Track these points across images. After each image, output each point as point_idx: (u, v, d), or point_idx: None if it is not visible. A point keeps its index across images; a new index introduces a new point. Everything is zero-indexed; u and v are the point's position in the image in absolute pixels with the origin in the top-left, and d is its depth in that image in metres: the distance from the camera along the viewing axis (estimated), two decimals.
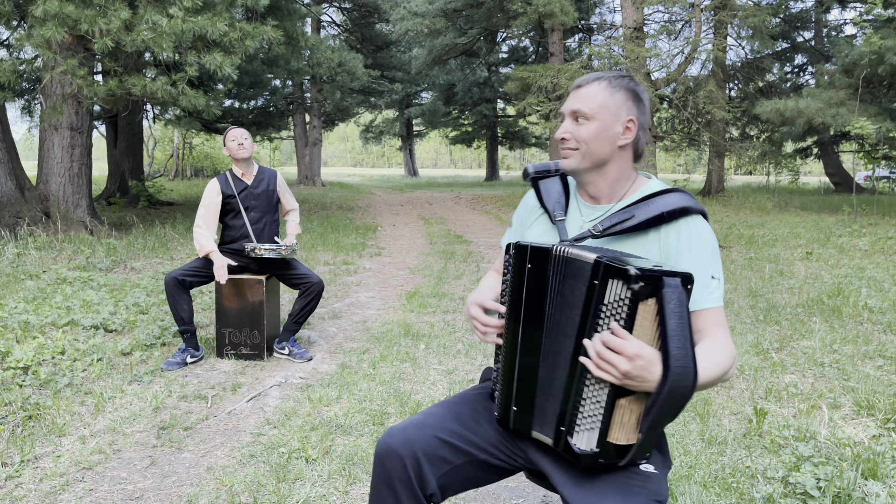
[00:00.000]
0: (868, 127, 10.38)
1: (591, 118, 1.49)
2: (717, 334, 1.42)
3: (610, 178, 1.54)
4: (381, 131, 36.88)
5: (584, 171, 1.53)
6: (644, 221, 1.45)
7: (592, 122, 1.49)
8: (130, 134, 14.83)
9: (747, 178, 35.68)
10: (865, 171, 21.63)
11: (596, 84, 1.50)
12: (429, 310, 5.38)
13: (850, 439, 2.79)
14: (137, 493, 2.46)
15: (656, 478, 1.40)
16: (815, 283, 6.19)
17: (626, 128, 1.50)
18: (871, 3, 11.12)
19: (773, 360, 3.96)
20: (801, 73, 22.94)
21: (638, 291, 1.22)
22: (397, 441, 1.48)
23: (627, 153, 1.53)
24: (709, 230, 1.47)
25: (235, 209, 4.08)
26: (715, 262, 1.46)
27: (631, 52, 16.00)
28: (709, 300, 1.44)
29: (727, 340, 1.41)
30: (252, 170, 4.16)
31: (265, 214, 4.16)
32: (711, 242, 1.46)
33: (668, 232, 1.46)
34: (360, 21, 26.38)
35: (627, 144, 1.51)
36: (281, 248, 3.91)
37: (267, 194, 4.18)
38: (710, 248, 1.45)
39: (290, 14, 12.30)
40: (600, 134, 1.49)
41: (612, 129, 1.49)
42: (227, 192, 4.07)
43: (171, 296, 3.89)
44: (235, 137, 4.05)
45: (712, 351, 1.37)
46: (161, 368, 3.85)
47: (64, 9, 7.16)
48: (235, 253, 4.11)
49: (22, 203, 8.69)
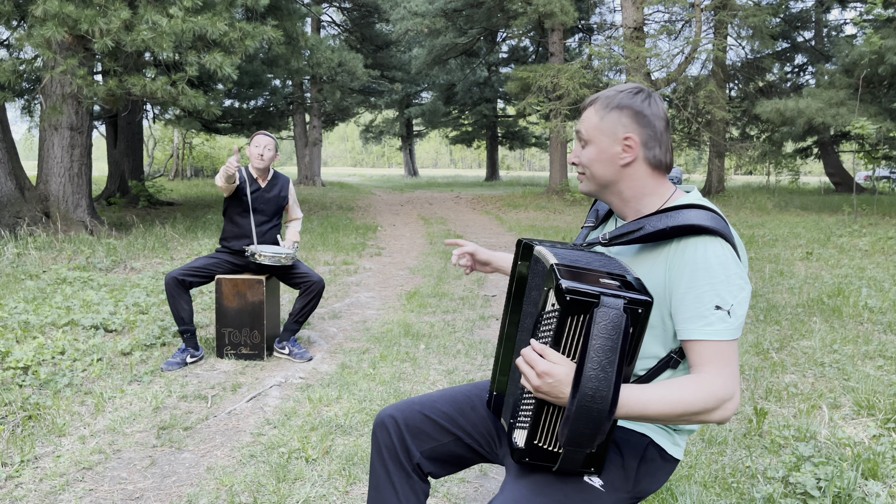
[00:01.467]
0: (868, 127, 10.38)
1: (589, 142, 1.46)
2: (706, 371, 1.29)
3: (625, 197, 1.47)
4: (381, 131, 36.88)
5: (596, 192, 1.50)
6: (650, 234, 1.36)
7: (590, 146, 1.46)
8: (130, 134, 14.83)
9: (747, 178, 35.69)
10: (865, 171, 21.63)
11: (591, 107, 1.47)
12: (429, 310, 5.38)
13: (851, 439, 2.79)
14: (137, 493, 2.46)
15: (594, 493, 1.35)
16: (815, 283, 6.19)
17: (626, 146, 1.42)
18: (871, 3, 11.12)
19: (773, 360, 3.96)
20: (801, 73, 22.95)
21: (568, 304, 1.19)
22: (387, 413, 1.65)
23: (639, 170, 1.44)
24: (724, 254, 1.32)
25: (245, 206, 4.08)
26: (726, 292, 1.30)
27: (631, 52, 15.99)
28: (705, 332, 1.30)
29: (715, 379, 1.27)
30: (267, 175, 4.17)
31: (271, 219, 4.17)
32: (723, 269, 1.31)
33: (676, 250, 1.35)
34: (360, 21, 26.39)
35: (633, 162, 1.43)
36: (281, 256, 3.91)
37: (277, 200, 4.19)
38: (719, 274, 1.30)
39: (290, 14, 12.30)
40: (599, 157, 1.45)
41: (611, 151, 1.43)
42: (240, 181, 4.06)
43: (171, 296, 3.89)
44: (259, 145, 4.04)
45: (680, 387, 1.26)
46: (161, 368, 3.85)
47: (64, 8, 7.16)
48: (235, 253, 4.11)
49: (22, 203, 8.69)
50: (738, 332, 1.32)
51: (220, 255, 4.10)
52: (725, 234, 1.34)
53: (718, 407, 1.26)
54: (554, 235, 10.32)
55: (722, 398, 1.26)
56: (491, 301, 5.72)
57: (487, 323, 4.99)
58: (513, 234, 10.73)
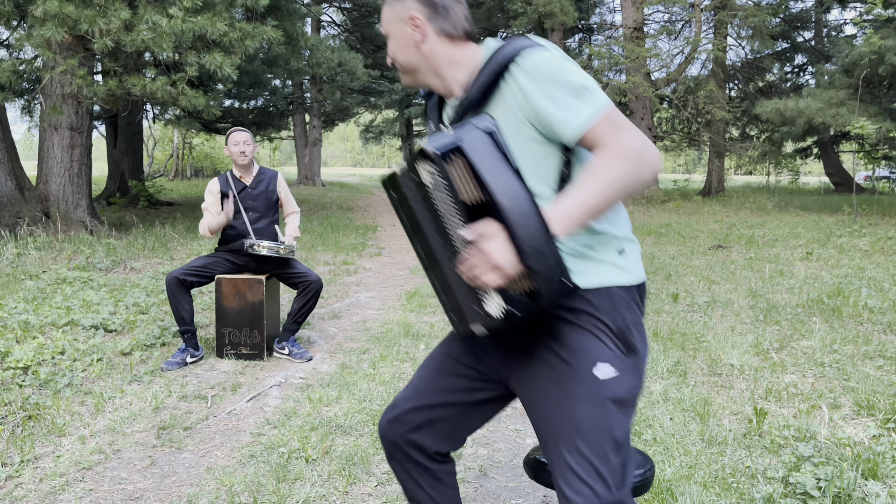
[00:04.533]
0: (868, 127, 10.39)
1: (389, 35, 1.53)
2: (606, 143, 1.29)
3: (440, 74, 1.50)
4: (381, 131, 36.87)
5: (416, 82, 1.55)
6: (479, 91, 1.41)
7: (391, 39, 1.53)
8: (130, 134, 14.83)
9: (747, 178, 35.68)
10: (865, 171, 21.63)
11: (385, 5, 1.54)
12: (429, 310, 5.38)
13: (850, 439, 2.79)
14: (137, 493, 2.46)
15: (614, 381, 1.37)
16: (815, 283, 6.19)
17: (413, 26, 1.47)
18: (871, 3, 11.12)
19: (773, 360, 3.96)
20: (801, 73, 22.95)
21: (440, 158, 1.20)
22: (384, 423, 1.64)
23: (436, 44, 1.48)
24: (549, 55, 1.36)
25: (235, 208, 4.08)
26: (571, 78, 1.33)
27: (631, 52, 16.00)
28: (581, 120, 1.30)
29: (618, 142, 1.27)
30: (252, 171, 4.16)
31: (264, 215, 4.16)
32: (556, 64, 1.34)
33: (510, 83, 1.37)
34: (360, 21, 26.37)
35: (426, 38, 1.48)
36: (280, 247, 3.91)
37: (266, 195, 4.17)
38: (556, 70, 1.33)
39: (289, 14, 12.30)
40: (399, 45, 1.51)
41: (404, 35, 1.49)
42: (225, 191, 4.07)
43: (172, 296, 3.89)
44: (238, 143, 4.03)
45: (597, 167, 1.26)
46: (161, 368, 3.85)
47: (64, 9, 7.16)
48: (234, 252, 4.11)
49: (22, 203, 8.69)
50: (607, 98, 1.34)
51: (220, 254, 4.10)
52: (540, 42, 1.40)
53: (641, 158, 1.26)
54: None
55: (636, 149, 1.26)
56: None
57: None
58: None
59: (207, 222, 3.98)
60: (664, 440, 2.86)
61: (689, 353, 4.10)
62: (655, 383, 3.59)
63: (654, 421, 3.07)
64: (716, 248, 8.59)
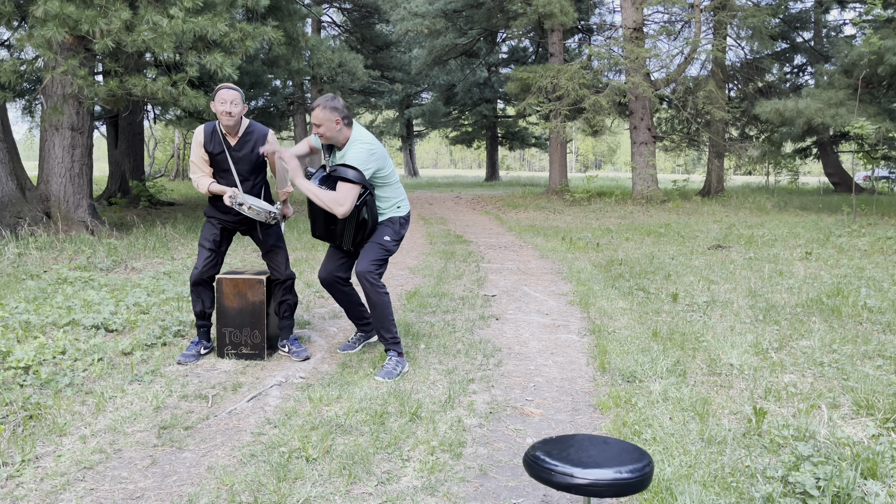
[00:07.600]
0: (867, 127, 10.40)
1: (321, 124, 3.66)
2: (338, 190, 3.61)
3: (338, 141, 3.74)
4: (381, 131, 36.86)
5: (328, 141, 3.76)
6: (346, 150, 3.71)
7: (322, 126, 3.66)
8: (131, 134, 14.84)
9: (747, 178, 35.69)
10: (865, 172, 21.64)
11: (317, 108, 3.66)
12: (429, 310, 5.39)
13: (850, 439, 2.80)
14: (138, 493, 2.47)
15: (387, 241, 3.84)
16: (814, 283, 6.20)
17: (337, 121, 3.64)
18: (870, 3, 11.13)
19: (772, 360, 3.97)
20: (801, 73, 22.95)
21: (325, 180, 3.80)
22: (322, 277, 4.00)
23: (343, 128, 3.70)
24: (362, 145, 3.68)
25: (222, 166, 3.90)
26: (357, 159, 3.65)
27: (630, 53, 16.01)
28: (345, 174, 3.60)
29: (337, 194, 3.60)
30: (237, 131, 3.86)
31: (247, 178, 3.97)
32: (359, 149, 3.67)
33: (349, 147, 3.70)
34: (361, 21, 26.39)
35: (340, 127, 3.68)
36: (265, 211, 3.76)
37: (250, 157, 3.92)
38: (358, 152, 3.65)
39: (290, 14, 12.31)
40: (327, 129, 3.67)
41: (332, 125, 3.67)
42: (208, 148, 3.86)
43: (196, 293, 4.05)
44: (225, 101, 3.72)
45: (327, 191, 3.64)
46: (177, 361, 3.97)
47: (65, 9, 7.17)
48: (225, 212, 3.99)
49: (23, 203, 8.70)
50: (361, 178, 3.60)
51: (211, 219, 4.04)
52: (367, 139, 3.71)
53: (339, 204, 3.59)
54: (554, 235, 10.32)
55: (338, 201, 3.58)
56: (491, 301, 5.73)
57: (487, 323, 5.00)
58: (513, 234, 10.74)
59: (198, 183, 3.86)
60: (664, 439, 2.87)
61: (688, 353, 4.11)
62: (655, 383, 3.60)
63: (653, 420, 3.07)
64: (715, 248, 8.60)
